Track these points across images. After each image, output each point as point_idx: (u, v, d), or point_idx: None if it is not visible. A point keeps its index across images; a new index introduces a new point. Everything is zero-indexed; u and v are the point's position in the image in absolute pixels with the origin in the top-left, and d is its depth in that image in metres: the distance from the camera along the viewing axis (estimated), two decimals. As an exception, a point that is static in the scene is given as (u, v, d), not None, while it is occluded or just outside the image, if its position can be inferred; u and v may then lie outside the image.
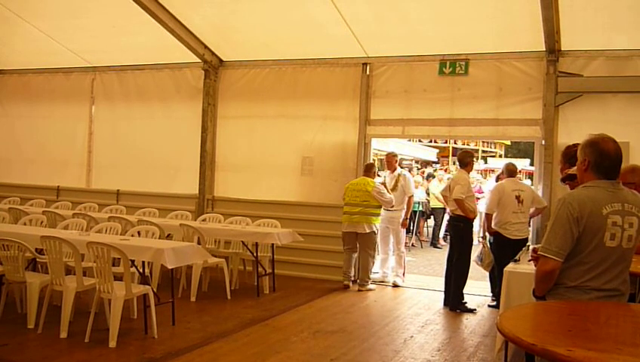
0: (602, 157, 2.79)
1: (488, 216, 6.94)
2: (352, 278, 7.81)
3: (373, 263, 7.90)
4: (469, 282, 7.11)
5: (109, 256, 4.84)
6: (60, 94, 10.23)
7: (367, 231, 7.55)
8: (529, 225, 7.10)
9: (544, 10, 6.27)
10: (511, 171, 7.09)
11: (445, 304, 6.96)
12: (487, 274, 7.32)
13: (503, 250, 6.53)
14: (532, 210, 6.92)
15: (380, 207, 7.66)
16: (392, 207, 7.78)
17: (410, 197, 8.12)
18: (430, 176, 14.13)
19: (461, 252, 6.91)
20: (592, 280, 2.72)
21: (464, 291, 6.95)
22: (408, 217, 8.20)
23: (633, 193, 2.89)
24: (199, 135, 8.95)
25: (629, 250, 2.77)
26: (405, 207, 8.06)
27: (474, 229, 12.48)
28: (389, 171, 8.33)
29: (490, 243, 7.04)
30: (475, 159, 8.78)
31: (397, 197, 7.93)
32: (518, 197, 6.75)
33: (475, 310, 6.84)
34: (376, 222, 7.67)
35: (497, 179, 9.12)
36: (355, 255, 7.74)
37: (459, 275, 6.89)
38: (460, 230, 6.94)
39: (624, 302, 2.86)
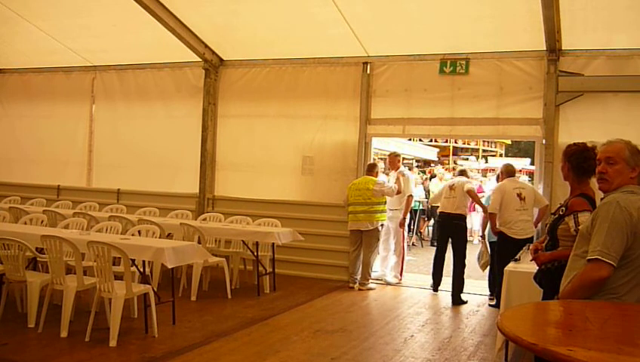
0: None
1: (492, 216, 6.95)
2: (358, 280, 7.78)
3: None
4: (468, 281, 7.51)
5: (109, 255, 4.84)
6: (60, 93, 10.22)
7: (370, 228, 7.57)
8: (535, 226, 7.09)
9: (545, 10, 6.27)
10: (510, 171, 7.17)
11: (435, 290, 7.55)
12: (487, 273, 7.35)
13: (507, 249, 6.50)
14: (536, 211, 6.90)
15: (385, 203, 7.67)
16: (399, 193, 7.81)
17: (409, 197, 8.13)
18: (432, 177, 14.12)
19: (464, 249, 7.39)
20: None
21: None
22: (406, 216, 8.19)
23: None
24: (200, 134, 8.94)
25: None
26: (404, 206, 8.06)
27: (474, 228, 12.55)
28: (390, 170, 8.36)
29: (491, 243, 7.06)
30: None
31: (397, 197, 7.93)
32: (519, 195, 6.76)
33: (467, 301, 7.23)
34: (382, 218, 7.67)
35: (497, 179, 9.11)
36: (361, 255, 7.75)
37: (462, 272, 7.31)
38: (463, 229, 7.46)
39: (624, 302, 2.86)
